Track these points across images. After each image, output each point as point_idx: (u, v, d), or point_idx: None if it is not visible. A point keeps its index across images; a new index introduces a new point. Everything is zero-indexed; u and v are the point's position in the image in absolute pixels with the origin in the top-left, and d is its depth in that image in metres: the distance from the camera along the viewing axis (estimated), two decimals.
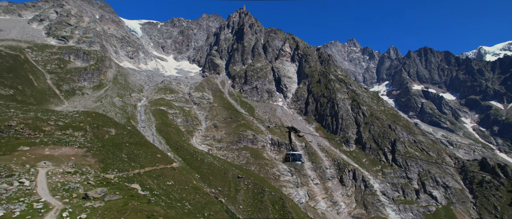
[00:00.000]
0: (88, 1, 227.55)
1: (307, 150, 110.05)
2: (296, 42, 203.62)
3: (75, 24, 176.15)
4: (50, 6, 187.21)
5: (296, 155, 28.49)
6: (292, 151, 28.11)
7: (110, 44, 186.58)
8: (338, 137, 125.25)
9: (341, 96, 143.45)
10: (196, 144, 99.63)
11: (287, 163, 28.16)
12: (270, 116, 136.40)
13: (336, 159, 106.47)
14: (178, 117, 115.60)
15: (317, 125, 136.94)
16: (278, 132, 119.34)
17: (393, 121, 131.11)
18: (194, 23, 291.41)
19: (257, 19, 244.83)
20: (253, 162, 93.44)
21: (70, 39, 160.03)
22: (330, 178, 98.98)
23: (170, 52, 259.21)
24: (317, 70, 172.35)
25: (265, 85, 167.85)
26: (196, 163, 76.66)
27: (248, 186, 69.43)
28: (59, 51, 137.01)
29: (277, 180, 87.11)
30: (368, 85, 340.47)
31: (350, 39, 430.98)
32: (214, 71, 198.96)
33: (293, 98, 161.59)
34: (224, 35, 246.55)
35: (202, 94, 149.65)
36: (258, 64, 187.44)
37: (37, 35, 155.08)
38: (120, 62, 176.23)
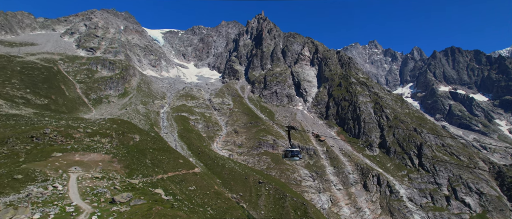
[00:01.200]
0: (114, 13, 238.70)
1: (329, 154, 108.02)
2: (315, 46, 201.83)
3: (101, 35, 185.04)
4: (80, 19, 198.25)
5: (294, 151, 31.31)
6: (291, 148, 30.83)
7: (134, 53, 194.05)
8: (360, 141, 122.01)
9: (363, 99, 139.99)
10: (217, 150, 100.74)
11: (286, 159, 30.71)
12: (290, 121, 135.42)
13: (359, 163, 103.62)
14: (199, 123, 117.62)
15: (338, 129, 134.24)
16: (299, 136, 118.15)
17: (419, 124, 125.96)
18: (214, 30, 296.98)
19: (275, 24, 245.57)
20: (273, 167, 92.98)
21: (97, 50, 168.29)
22: (353, 183, 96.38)
23: (191, 60, 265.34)
24: (338, 73, 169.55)
25: (285, 89, 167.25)
26: (217, 168, 77.40)
27: (269, 191, 69.09)
28: (87, 61, 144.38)
29: (299, 185, 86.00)
30: (391, 87, 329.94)
31: (371, 41, 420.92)
32: (233, 77, 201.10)
33: (313, 102, 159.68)
34: (243, 41, 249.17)
35: (222, 100, 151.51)
36: (277, 69, 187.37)
37: (68, 47, 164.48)
38: (143, 71, 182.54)
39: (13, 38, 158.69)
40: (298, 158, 30.83)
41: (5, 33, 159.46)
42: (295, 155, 31.75)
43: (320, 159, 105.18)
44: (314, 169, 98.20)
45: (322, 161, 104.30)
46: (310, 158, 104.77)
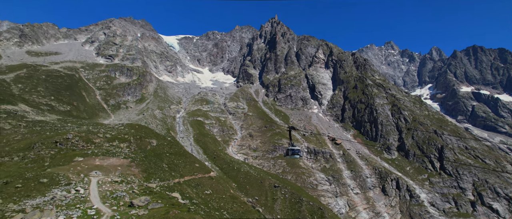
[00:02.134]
0: (131, 21, 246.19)
1: (345, 158, 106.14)
2: (329, 48, 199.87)
3: (120, 43, 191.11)
4: (99, 28, 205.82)
5: (295, 149, 34.95)
6: (292, 146, 34.35)
7: (150, 60, 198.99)
8: (378, 144, 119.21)
9: (379, 101, 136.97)
10: (232, 153, 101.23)
11: (287, 156, 33.77)
12: (306, 124, 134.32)
13: (377, 167, 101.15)
14: (214, 127, 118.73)
15: (355, 132, 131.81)
16: (314, 140, 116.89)
17: (439, 126, 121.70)
18: (228, 35, 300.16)
19: (289, 28, 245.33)
20: (289, 171, 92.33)
21: (115, 57, 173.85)
22: (371, 187, 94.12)
23: (206, 65, 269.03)
24: (353, 76, 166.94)
25: (299, 92, 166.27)
26: (233, 172, 77.71)
27: (285, 195, 68.62)
28: (106, 68, 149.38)
29: (315, 190, 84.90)
30: (409, 89, 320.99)
31: (387, 42, 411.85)
32: (247, 81, 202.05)
33: (329, 105, 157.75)
34: (256, 45, 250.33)
35: (237, 104, 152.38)
36: (292, 72, 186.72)
37: (89, 55, 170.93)
38: (159, 76, 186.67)
39: (39, 48, 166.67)
40: (298, 156, 33.85)
41: (32, 44, 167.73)
42: (295, 153, 34.99)
43: (337, 162, 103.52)
44: (330, 173, 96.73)
45: (338, 164, 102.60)
46: (326, 162, 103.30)
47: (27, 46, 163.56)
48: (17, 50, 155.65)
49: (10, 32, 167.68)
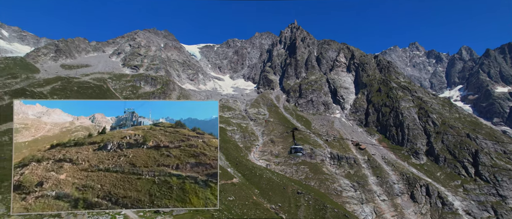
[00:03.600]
0: (154, 32, 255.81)
1: (371, 163, 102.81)
2: (351, 51, 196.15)
3: (144, 53, 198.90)
4: (125, 40, 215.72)
5: (297, 148, 37.70)
6: (295, 145, 37.80)
7: (173, 69, 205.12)
8: (404, 149, 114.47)
9: (405, 105, 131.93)
10: (254, 160, 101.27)
11: (291, 154, 36.73)
12: (328, 129, 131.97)
13: (405, 173, 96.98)
14: (236, 134, 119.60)
15: (380, 137, 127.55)
16: (337, 145, 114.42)
17: (473, 129, 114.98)
18: (248, 42, 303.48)
19: (309, 32, 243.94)
20: (312, 177, 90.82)
21: (140, 67, 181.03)
22: (399, 194, 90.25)
23: (226, 72, 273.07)
24: (376, 79, 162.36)
25: (321, 97, 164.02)
26: (255, 178, 77.63)
27: (308, 202, 67.45)
28: (132, 78, 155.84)
29: (339, 196, 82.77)
30: (437, 90, 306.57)
31: (412, 43, 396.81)
32: (268, 86, 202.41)
33: (352, 109, 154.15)
34: (276, 51, 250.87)
35: (258, 110, 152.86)
36: (312, 77, 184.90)
37: (116, 66, 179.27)
38: (182, 85, 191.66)
39: (71, 62, 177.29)
40: (300, 154, 37.20)
41: (66, 58, 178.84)
42: (298, 151, 37.67)
43: (361, 168, 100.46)
44: (355, 179, 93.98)
45: (363, 170, 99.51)
46: (351, 168, 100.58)
47: (61, 60, 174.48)
48: (53, 64, 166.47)
49: (47, 48, 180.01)
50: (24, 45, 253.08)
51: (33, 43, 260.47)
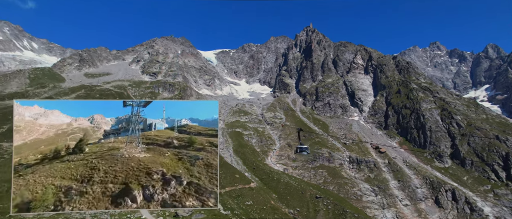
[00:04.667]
0: (172, 39, 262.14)
1: (391, 167, 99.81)
2: (368, 53, 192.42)
3: (162, 60, 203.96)
4: (144, 48, 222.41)
5: (303, 147, 41.08)
6: (301, 145, 40.70)
7: (190, 75, 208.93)
8: (427, 152, 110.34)
9: (426, 106, 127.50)
10: (271, 164, 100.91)
11: (297, 154, 41.82)
12: (346, 132, 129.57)
13: (428, 176, 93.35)
14: (252, 138, 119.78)
15: (400, 140, 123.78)
16: (356, 148, 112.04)
17: (502, 130, 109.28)
18: (263, 46, 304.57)
19: (324, 35, 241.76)
20: (331, 181, 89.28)
21: (158, 74, 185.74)
22: (422, 198, 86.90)
23: (242, 77, 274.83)
24: (395, 80, 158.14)
25: (338, 100, 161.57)
26: (273, 183, 77.28)
27: (327, 206, 66.31)
28: (151, 85, 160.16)
29: (359, 201, 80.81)
30: (461, 91, 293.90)
31: (433, 43, 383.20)
32: (284, 90, 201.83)
33: (370, 112, 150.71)
34: (292, 54, 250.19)
35: (274, 114, 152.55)
36: (329, 80, 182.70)
37: (135, 74, 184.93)
38: (199, 90, 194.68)
39: (94, 70, 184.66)
40: (306, 153, 39.77)
41: (89, 67, 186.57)
42: (303, 150, 40.99)
43: (382, 172, 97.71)
44: (375, 183, 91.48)
45: (384, 174, 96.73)
46: (371, 171, 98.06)
47: (84, 69, 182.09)
48: (77, 73, 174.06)
49: (72, 58, 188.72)
50: (51, 56, 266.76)
51: (60, 54, 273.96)
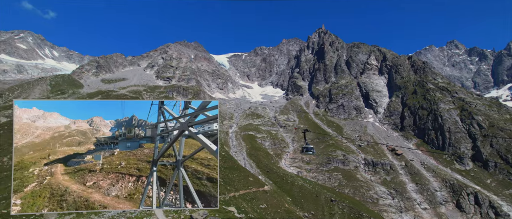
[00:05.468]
0: (185, 44, 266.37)
1: (408, 169, 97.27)
2: (382, 53, 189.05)
3: (175, 65, 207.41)
4: (158, 54, 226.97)
5: (308, 147, 42.48)
6: (306, 145, 42.30)
7: (203, 79, 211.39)
8: (446, 153, 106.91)
9: (445, 107, 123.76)
10: (285, 167, 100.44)
11: (303, 153, 42.31)
12: (361, 134, 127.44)
13: (448, 179, 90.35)
14: (266, 141, 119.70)
15: (417, 141, 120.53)
16: (372, 151, 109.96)
17: None
18: (275, 49, 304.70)
19: (337, 36, 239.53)
20: (346, 184, 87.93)
21: (172, 79, 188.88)
22: (442, 202, 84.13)
23: (255, 80, 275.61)
24: (411, 80, 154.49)
25: (352, 102, 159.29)
26: (287, 186, 76.84)
27: (343, 210, 65.27)
28: (165, 90, 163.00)
29: (376, 204, 79.12)
30: (482, 90, 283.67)
31: (450, 41, 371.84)
32: (297, 92, 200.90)
33: (386, 113, 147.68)
34: (304, 56, 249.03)
35: (287, 116, 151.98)
36: (342, 81, 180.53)
37: (150, 79, 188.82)
38: (212, 94, 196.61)
39: (110, 76, 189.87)
40: (311, 153, 41.57)
41: (105, 73, 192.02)
42: (309, 150, 42.47)
43: (398, 174, 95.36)
44: (392, 186, 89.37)
45: (400, 176, 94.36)
46: (387, 174, 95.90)
47: (101, 75, 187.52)
48: (94, 79, 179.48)
49: (90, 65, 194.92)
50: (70, 63, 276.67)
51: (78, 61, 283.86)
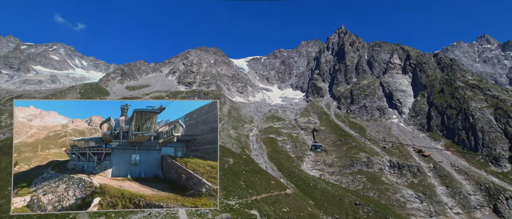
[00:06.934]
0: (205, 50, 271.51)
1: (437, 172, 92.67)
2: (406, 52, 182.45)
3: (196, 71, 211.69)
4: (179, 60, 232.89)
5: (317, 145, 47.53)
6: (315, 143, 46.41)
7: (223, 83, 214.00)
8: (480, 155, 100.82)
9: (476, 105, 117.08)
10: (306, 170, 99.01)
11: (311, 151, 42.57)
12: (385, 136, 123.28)
13: (483, 182, 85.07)
14: (287, 144, 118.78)
15: (446, 142, 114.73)
16: (397, 152, 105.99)
17: None
18: (294, 51, 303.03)
19: (357, 36, 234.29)
20: (370, 187, 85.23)
21: (193, 84, 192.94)
22: (477, 206, 79.32)
23: (274, 82, 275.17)
24: (438, 79, 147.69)
25: (375, 102, 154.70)
26: (309, 189, 75.69)
27: (368, 214, 63.26)
28: (186, 95, 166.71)
29: (403, 208, 76.02)
30: None
31: (481, 36, 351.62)
32: (317, 94, 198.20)
33: (411, 113, 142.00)
34: (324, 57, 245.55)
35: (308, 118, 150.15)
36: (364, 82, 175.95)
37: (171, 84, 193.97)
38: (232, 98, 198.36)
39: (134, 83, 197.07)
40: (319, 150, 42.16)
41: (130, 80, 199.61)
42: (317, 147, 45.94)
43: (427, 177, 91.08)
44: (420, 189, 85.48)
45: (429, 179, 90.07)
46: (414, 177, 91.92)
47: (126, 82, 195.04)
48: (119, 86, 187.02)
49: (115, 72, 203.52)
50: (98, 72, 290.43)
51: (105, 69, 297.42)
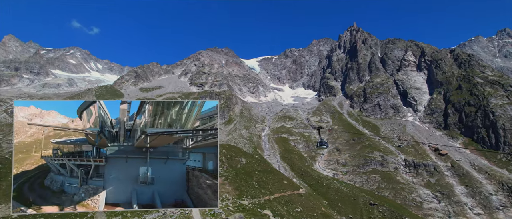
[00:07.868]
0: (216, 51, 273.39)
1: (456, 171, 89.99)
2: (420, 48, 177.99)
3: (208, 71, 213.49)
4: (191, 61, 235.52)
5: (322, 142, 44.56)
6: (320, 140, 44.58)
7: (234, 84, 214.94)
8: (501, 153, 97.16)
9: (496, 102, 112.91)
10: (319, 169, 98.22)
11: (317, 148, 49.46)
12: (400, 134, 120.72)
13: (505, 182, 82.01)
14: (299, 143, 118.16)
15: (465, 140, 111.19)
16: (412, 151, 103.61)
17: None
18: (305, 50, 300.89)
19: (370, 33, 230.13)
20: (385, 187, 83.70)
21: (205, 85, 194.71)
22: (499, 207, 76.53)
23: (286, 82, 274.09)
24: (454, 75, 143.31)
25: (389, 100, 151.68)
26: (322, 189, 75.06)
27: (383, 214, 62.16)
28: (198, 95, 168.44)
29: (420, 208, 74.28)
30: None
31: (501, 30, 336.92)
32: (329, 93, 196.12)
33: (426, 111, 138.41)
34: (336, 56, 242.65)
35: (320, 118, 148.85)
36: (377, 79, 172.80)
37: (184, 85, 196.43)
38: (243, 98, 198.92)
39: (147, 85, 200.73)
40: (325, 147, 43.92)
41: (143, 82, 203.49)
42: (323, 144, 44.86)
43: (444, 176, 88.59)
44: (437, 188, 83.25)
45: (447, 178, 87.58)
46: (431, 176, 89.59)
47: (139, 84, 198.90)
48: (133, 88, 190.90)
49: (129, 75, 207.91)
50: (112, 74, 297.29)
51: (119, 72, 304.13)
